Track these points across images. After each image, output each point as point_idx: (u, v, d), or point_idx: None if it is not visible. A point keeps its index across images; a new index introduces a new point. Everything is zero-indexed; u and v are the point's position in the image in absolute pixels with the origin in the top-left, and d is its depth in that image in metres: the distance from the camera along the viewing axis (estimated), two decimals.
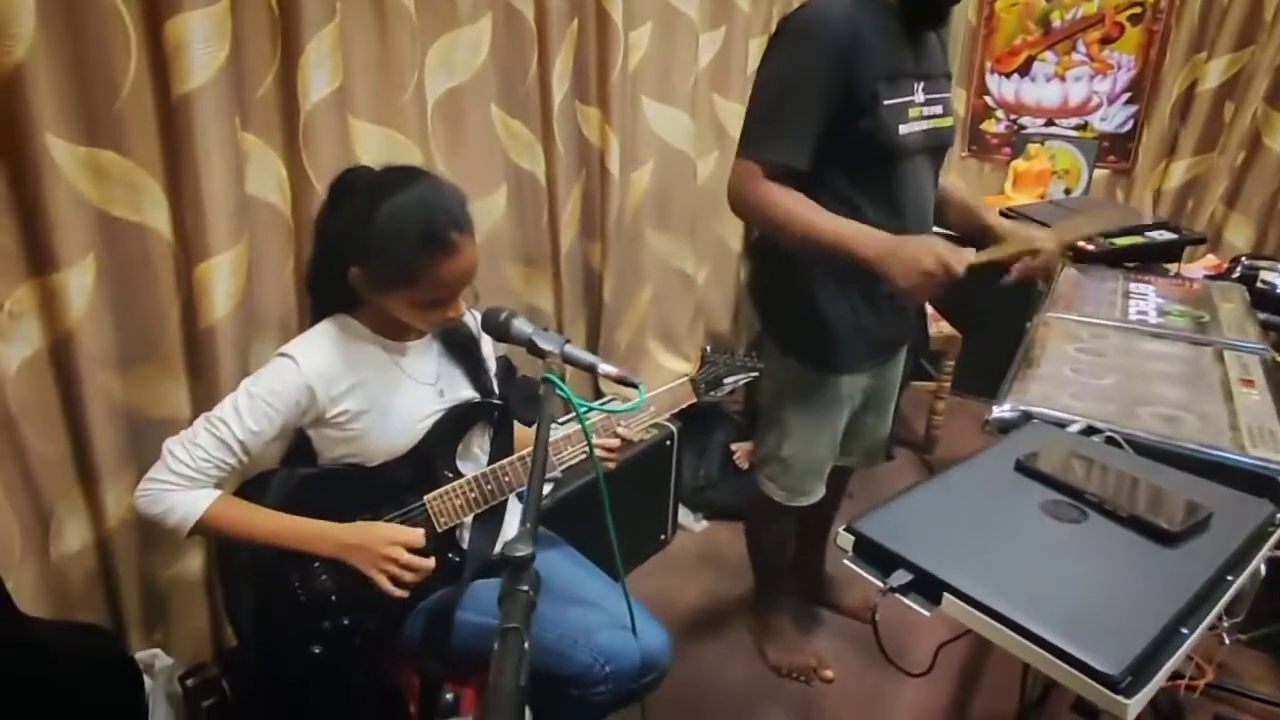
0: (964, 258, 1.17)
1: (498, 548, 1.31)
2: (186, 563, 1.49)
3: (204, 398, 1.40)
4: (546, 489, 1.86)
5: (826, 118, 1.25)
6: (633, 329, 2.35)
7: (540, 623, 1.21)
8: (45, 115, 1.14)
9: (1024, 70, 3.04)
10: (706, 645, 1.94)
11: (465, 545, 1.29)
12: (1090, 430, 1.09)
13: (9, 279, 1.19)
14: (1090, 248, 2.18)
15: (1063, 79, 2.99)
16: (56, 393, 1.28)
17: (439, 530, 1.23)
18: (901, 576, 0.77)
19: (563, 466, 1.28)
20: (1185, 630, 0.72)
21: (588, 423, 1.15)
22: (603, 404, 1.07)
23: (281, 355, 1.15)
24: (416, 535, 1.17)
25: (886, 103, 1.27)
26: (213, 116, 1.26)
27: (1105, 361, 1.37)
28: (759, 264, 1.57)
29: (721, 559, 2.23)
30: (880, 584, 0.77)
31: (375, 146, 1.56)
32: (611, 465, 1.28)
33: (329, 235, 1.17)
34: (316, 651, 1.20)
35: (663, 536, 2.32)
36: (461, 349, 1.32)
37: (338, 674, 1.22)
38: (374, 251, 1.09)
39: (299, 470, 1.22)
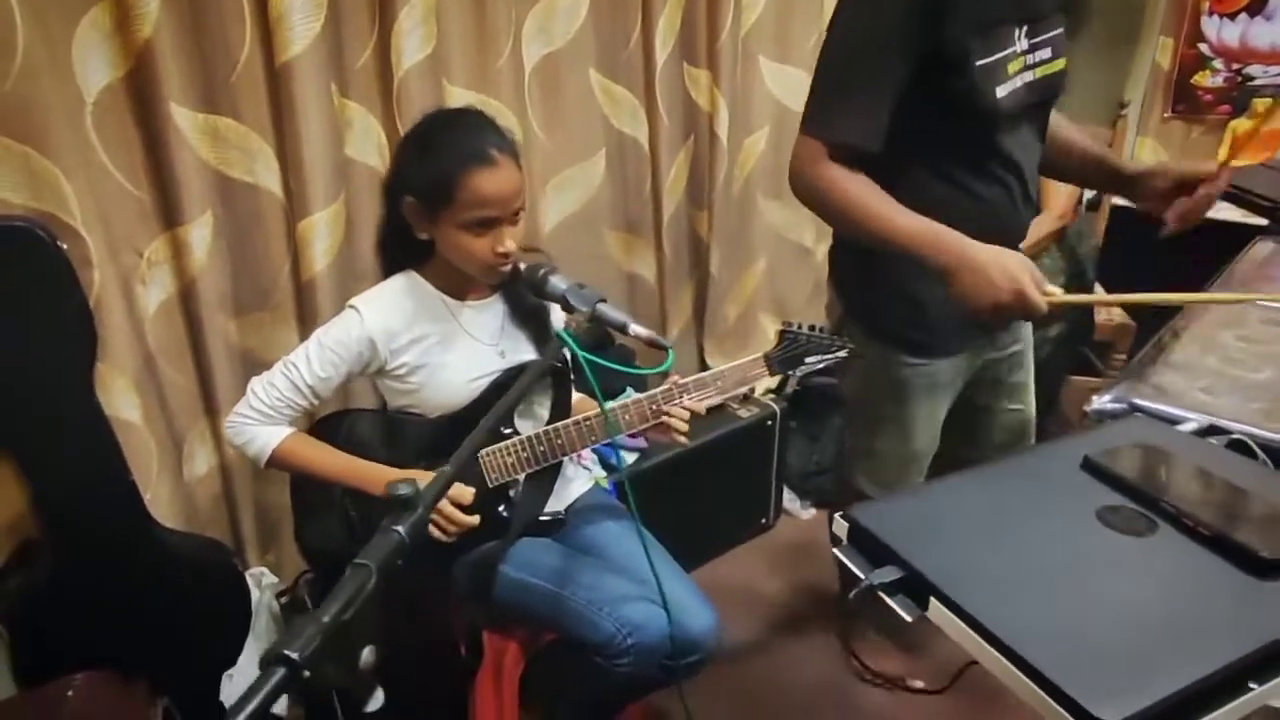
0: (1050, 294, 0.99)
1: (548, 508, 1.33)
2: None
3: None
4: (630, 458, 1.84)
5: (906, 83, 1.07)
6: (743, 303, 2.26)
7: (573, 587, 1.21)
8: (171, 86, 1.29)
9: (1255, 8, 2.51)
10: (788, 638, 1.84)
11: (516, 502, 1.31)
12: (1212, 430, 0.87)
13: (148, 232, 1.38)
14: None
15: None
16: (186, 333, 1.47)
17: (490, 485, 1.26)
18: (889, 573, 0.66)
19: (630, 432, 1.25)
20: (1253, 685, 0.55)
21: (601, 391, 1.11)
22: (614, 364, 1.01)
23: (349, 307, 1.22)
24: (466, 494, 1.20)
25: (979, 63, 1.06)
26: (311, 82, 1.37)
27: (1268, 351, 1.09)
28: (840, 240, 1.41)
29: (823, 549, 2.10)
30: (863, 579, 0.67)
31: None
32: (683, 440, 1.23)
33: (391, 187, 1.22)
34: None
35: (764, 520, 2.23)
36: (529, 314, 1.32)
37: (393, 611, 1.30)
38: (421, 173, 1.13)
39: (366, 414, 1.30)
